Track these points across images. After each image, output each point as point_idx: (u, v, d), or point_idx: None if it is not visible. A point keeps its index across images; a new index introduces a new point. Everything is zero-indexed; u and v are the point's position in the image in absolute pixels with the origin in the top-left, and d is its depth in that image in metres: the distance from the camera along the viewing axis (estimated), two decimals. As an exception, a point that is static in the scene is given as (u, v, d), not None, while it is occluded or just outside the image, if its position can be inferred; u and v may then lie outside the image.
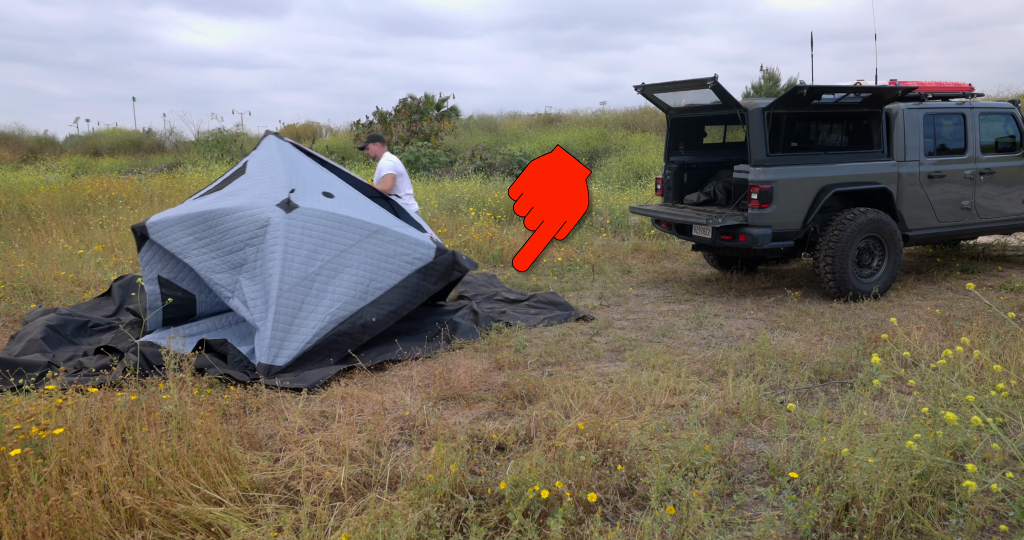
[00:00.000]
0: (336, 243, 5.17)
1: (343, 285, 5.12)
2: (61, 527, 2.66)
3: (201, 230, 5.18)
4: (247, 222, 5.13)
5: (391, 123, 21.21)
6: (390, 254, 5.33)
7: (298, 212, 5.13)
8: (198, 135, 23.43)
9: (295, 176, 5.54)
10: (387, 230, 5.38)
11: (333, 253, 5.14)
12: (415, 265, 5.43)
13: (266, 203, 5.19)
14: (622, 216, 11.03)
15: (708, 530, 2.80)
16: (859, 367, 4.66)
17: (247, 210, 5.17)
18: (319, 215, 5.18)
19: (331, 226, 5.20)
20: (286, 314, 4.93)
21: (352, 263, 5.19)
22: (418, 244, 5.49)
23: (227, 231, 5.15)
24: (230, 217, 5.17)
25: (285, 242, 5.01)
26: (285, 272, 4.96)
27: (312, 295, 5.02)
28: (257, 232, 5.10)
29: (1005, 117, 7.67)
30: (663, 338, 5.67)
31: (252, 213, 5.15)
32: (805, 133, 8.31)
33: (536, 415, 3.81)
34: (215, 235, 5.16)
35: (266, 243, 5.06)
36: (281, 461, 3.37)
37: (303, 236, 5.08)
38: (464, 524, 2.90)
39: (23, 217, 10.76)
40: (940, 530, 2.79)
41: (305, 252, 5.05)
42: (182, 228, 5.20)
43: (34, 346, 5.23)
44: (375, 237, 5.31)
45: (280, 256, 4.97)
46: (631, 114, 24.33)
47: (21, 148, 27.20)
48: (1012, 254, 8.89)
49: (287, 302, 4.94)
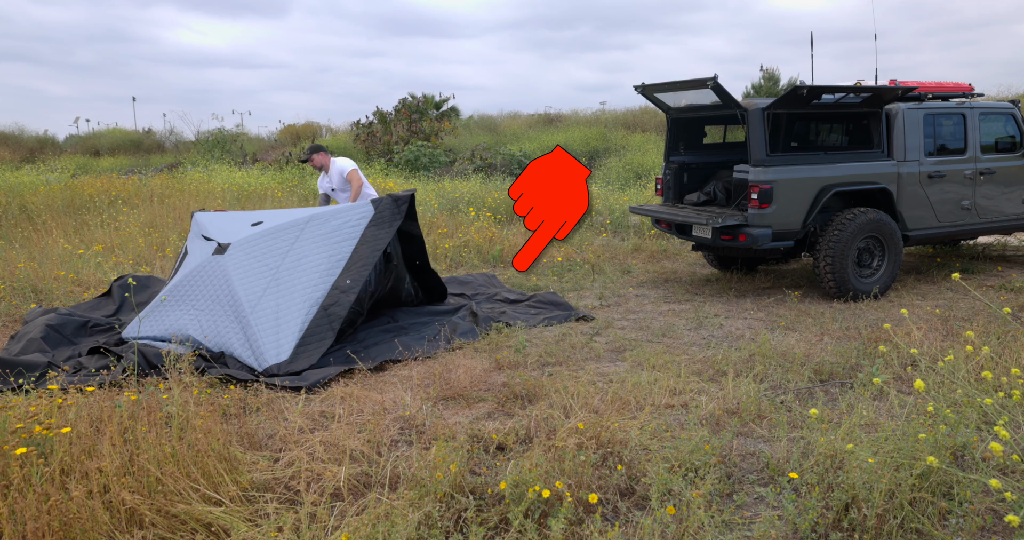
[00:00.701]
0: (279, 248, 5.45)
1: (307, 273, 5.34)
2: (61, 527, 2.66)
3: (161, 315, 5.36)
4: (193, 282, 5.42)
5: (391, 123, 21.20)
6: (332, 229, 5.58)
7: (232, 248, 5.46)
8: (198, 135, 23.45)
9: (223, 227, 5.87)
10: (318, 214, 5.69)
11: (281, 256, 5.41)
12: (362, 224, 5.65)
13: (204, 259, 5.51)
14: (622, 216, 11.03)
15: (708, 530, 2.80)
16: (859, 367, 4.66)
17: (190, 274, 5.46)
18: (252, 238, 5.52)
19: (268, 239, 5.52)
20: (267, 318, 5.09)
21: (305, 254, 5.44)
22: (353, 209, 5.76)
23: (179, 300, 5.38)
24: (178, 288, 5.44)
25: (234, 272, 5.29)
26: (247, 292, 5.18)
27: (284, 294, 5.23)
28: (199, 283, 5.38)
29: (1005, 117, 7.67)
30: (663, 338, 5.67)
31: (195, 274, 5.44)
32: (805, 133, 8.31)
33: (536, 415, 3.81)
34: (168, 309, 5.37)
35: (214, 286, 5.30)
36: (281, 461, 3.37)
37: (247, 260, 5.37)
38: (464, 524, 2.90)
39: (23, 217, 10.76)
40: (940, 530, 2.79)
41: (256, 268, 5.32)
42: (149, 323, 5.37)
43: (34, 346, 5.23)
44: (311, 224, 5.59)
45: (236, 281, 5.23)
46: (631, 114, 24.34)
47: (21, 148, 27.22)
48: (1012, 254, 8.89)
49: (263, 310, 5.12)
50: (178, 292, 5.41)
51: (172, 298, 5.39)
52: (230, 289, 5.21)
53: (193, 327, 5.19)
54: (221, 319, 5.16)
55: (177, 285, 5.46)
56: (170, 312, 5.34)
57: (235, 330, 5.08)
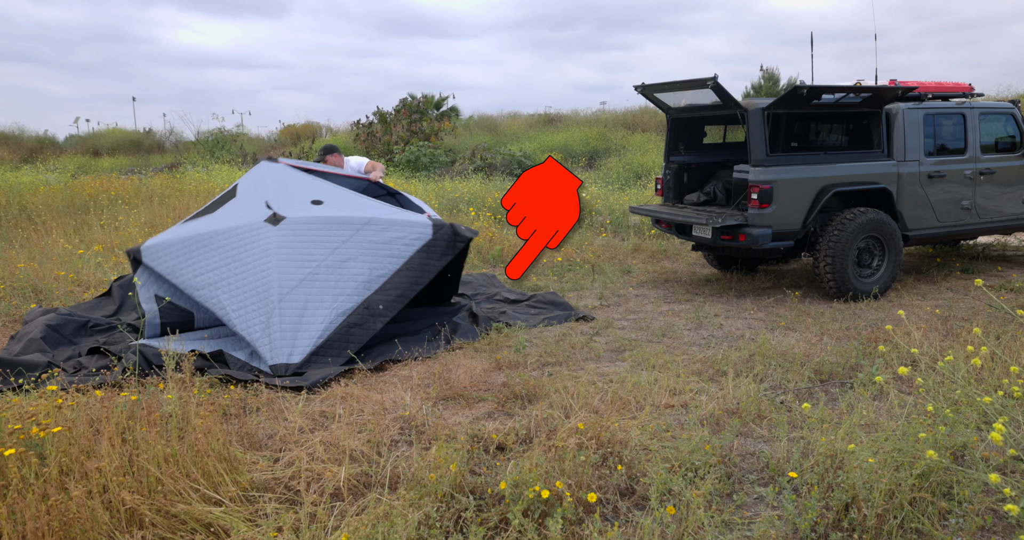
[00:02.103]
0: (329, 242, 5.27)
1: (344, 279, 5.20)
2: (61, 527, 2.66)
3: (190, 252, 5.33)
4: (234, 241, 5.29)
5: (391, 123, 21.20)
6: (385, 241, 5.40)
7: (286, 222, 5.29)
8: (198, 135, 23.44)
9: (281, 192, 5.68)
10: (377, 220, 5.48)
11: (327, 252, 5.24)
12: (415, 245, 5.48)
13: (253, 221, 5.36)
14: (622, 216, 11.03)
15: (708, 530, 2.80)
16: (859, 367, 4.66)
17: (235, 230, 5.33)
18: (307, 221, 5.33)
19: (321, 228, 5.33)
20: (292, 314, 4.98)
21: (350, 257, 5.27)
22: (413, 225, 5.55)
23: (214, 250, 5.31)
24: (218, 238, 5.34)
25: (278, 251, 5.14)
26: (283, 277, 5.05)
27: (315, 293, 5.09)
28: (244, 248, 5.24)
29: (1005, 117, 7.67)
30: (663, 338, 5.67)
31: (240, 232, 5.31)
32: (805, 133, 8.31)
33: (536, 415, 3.81)
34: (202, 255, 5.30)
35: (254, 256, 5.18)
36: (281, 461, 3.37)
37: (295, 243, 5.21)
38: (464, 524, 2.90)
39: (23, 217, 10.75)
40: (940, 530, 2.79)
41: (299, 257, 5.16)
42: (173, 251, 5.37)
43: (34, 346, 5.22)
44: (367, 228, 5.40)
45: (275, 263, 5.09)
46: (631, 114, 24.35)
47: (21, 148, 27.20)
48: (1012, 254, 8.89)
49: (291, 303, 5.01)
50: (216, 243, 5.24)
51: (209, 245, 5.22)
52: (267, 268, 5.08)
53: (224, 292, 5.06)
54: (249, 295, 5.04)
55: (218, 234, 5.28)
56: (203, 259, 5.17)
57: (258, 312, 4.99)
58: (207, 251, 5.30)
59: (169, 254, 5.38)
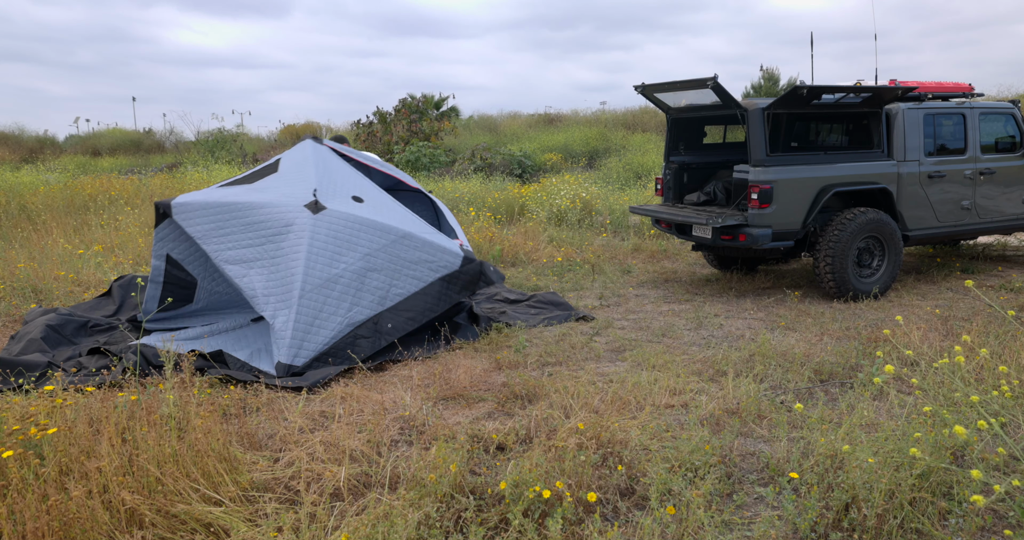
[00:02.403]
0: (360, 247, 5.14)
1: (364, 290, 5.10)
2: (61, 527, 2.66)
3: (225, 219, 5.18)
4: (272, 219, 5.13)
5: (391, 123, 21.20)
6: (414, 260, 5.27)
7: (325, 213, 5.12)
8: (198, 135, 23.43)
9: (326, 179, 5.51)
10: (413, 236, 5.31)
11: (357, 256, 5.11)
12: (439, 273, 5.36)
13: (294, 202, 5.19)
14: (622, 216, 11.03)
15: (708, 530, 2.80)
16: (859, 367, 4.66)
17: (274, 207, 5.17)
18: (346, 218, 5.16)
19: (357, 229, 5.17)
20: (307, 315, 4.92)
21: (375, 267, 5.16)
22: (445, 251, 5.41)
23: (251, 224, 5.16)
24: (256, 212, 5.17)
25: (309, 243, 5.00)
26: (308, 274, 4.94)
27: (333, 298, 5.01)
28: (281, 230, 5.09)
29: (1005, 117, 7.67)
30: (663, 338, 5.67)
31: (278, 210, 5.15)
32: (805, 133, 8.31)
33: (536, 415, 3.81)
34: (238, 227, 5.17)
35: (289, 242, 5.05)
36: (281, 461, 3.37)
37: (328, 238, 5.06)
38: (464, 524, 2.90)
39: (23, 217, 10.75)
40: (940, 530, 2.79)
41: (329, 254, 5.04)
42: (207, 214, 5.20)
43: (34, 346, 5.22)
44: (401, 243, 5.26)
45: (304, 257, 4.96)
46: (631, 114, 24.35)
47: (21, 148, 27.21)
48: (1012, 254, 8.89)
49: (308, 303, 4.93)
50: (254, 217, 5.10)
51: (246, 218, 5.09)
52: (296, 258, 4.96)
53: (257, 274, 4.98)
54: (278, 283, 4.97)
55: (256, 207, 5.14)
56: (238, 232, 5.08)
57: (279, 300, 4.92)
58: (243, 224, 5.14)
59: (202, 217, 5.21)
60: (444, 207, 6.46)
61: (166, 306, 5.98)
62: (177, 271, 5.56)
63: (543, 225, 10.52)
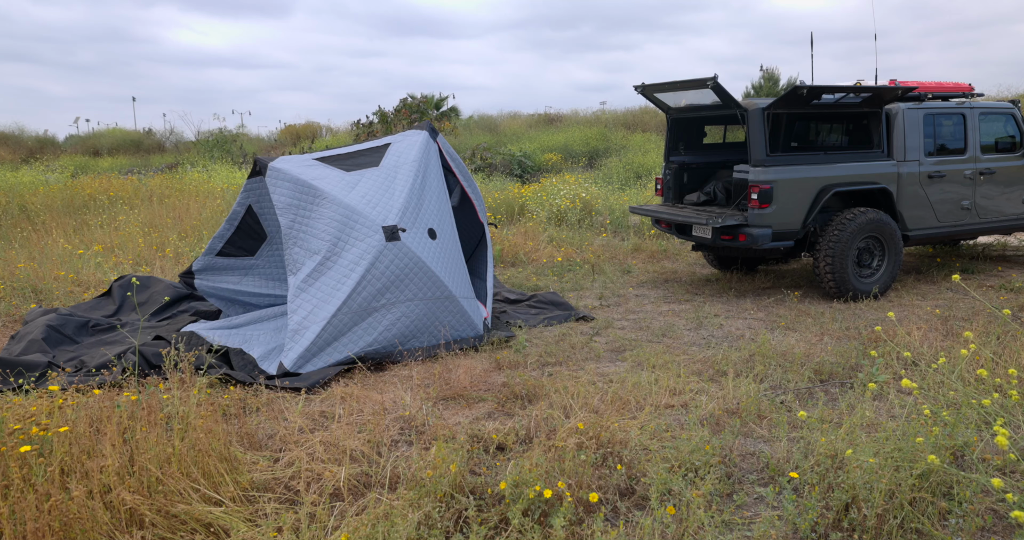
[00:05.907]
0: (408, 290, 5.13)
1: (391, 329, 5.11)
2: (61, 527, 2.66)
3: (307, 201, 5.17)
4: (347, 224, 5.09)
5: (392, 123, 21.20)
6: (443, 322, 5.28)
7: (396, 244, 5.07)
8: (198, 135, 23.45)
9: (414, 199, 5.42)
10: (455, 301, 5.30)
11: (401, 297, 5.11)
12: (454, 335, 5.39)
13: (374, 218, 5.13)
14: (622, 216, 11.03)
15: (708, 530, 2.80)
16: (859, 367, 4.66)
17: (354, 213, 5.12)
18: (411, 257, 5.11)
19: (414, 273, 5.13)
20: (330, 334, 4.94)
21: (409, 314, 5.16)
22: (471, 326, 5.43)
23: (327, 218, 5.12)
24: (336, 209, 5.13)
25: (368, 269, 4.98)
26: (352, 297, 4.96)
27: (362, 327, 5.04)
28: (351, 240, 5.07)
29: (1005, 117, 7.67)
30: (663, 338, 5.67)
31: (356, 220, 5.10)
32: (805, 133, 8.31)
33: (536, 415, 3.81)
34: (314, 214, 5.16)
35: (350, 255, 5.03)
36: (281, 461, 3.37)
37: (386, 269, 5.04)
38: (464, 524, 2.90)
39: (23, 217, 10.76)
40: (940, 530, 2.79)
41: (379, 286, 5.03)
42: (294, 188, 5.19)
43: (34, 346, 5.23)
44: (442, 303, 5.26)
45: (356, 280, 4.96)
46: (631, 114, 24.36)
47: (21, 148, 27.21)
48: (1012, 254, 8.89)
49: (338, 323, 4.94)
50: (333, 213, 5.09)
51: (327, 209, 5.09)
52: (348, 277, 4.97)
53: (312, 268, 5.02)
54: (318, 285, 4.99)
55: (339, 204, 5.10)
56: (315, 221, 5.07)
57: (314, 307, 4.94)
58: (320, 214, 5.11)
59: (289, 189, 5.18)
60: (489, 239, 6.44)
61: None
62: (253, 222, 5.67)
63: (543, 225, 10.52)
